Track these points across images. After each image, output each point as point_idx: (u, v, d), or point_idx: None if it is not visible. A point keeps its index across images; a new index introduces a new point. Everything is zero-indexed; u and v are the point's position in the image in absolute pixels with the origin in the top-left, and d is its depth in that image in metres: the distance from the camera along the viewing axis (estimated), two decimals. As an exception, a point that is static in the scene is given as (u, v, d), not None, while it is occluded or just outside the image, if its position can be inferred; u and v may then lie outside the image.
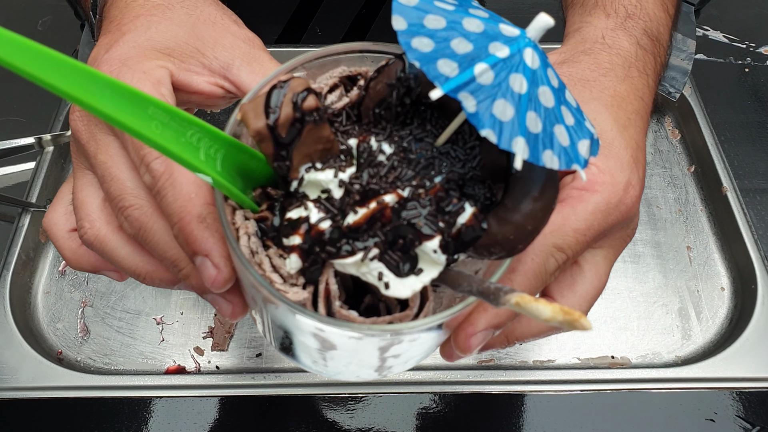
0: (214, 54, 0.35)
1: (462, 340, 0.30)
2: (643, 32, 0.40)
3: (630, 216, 0.34)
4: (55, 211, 0.36)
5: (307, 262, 0.25)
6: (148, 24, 0.35)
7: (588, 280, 0.34)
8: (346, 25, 0.81)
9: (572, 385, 0.53)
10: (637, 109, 0.37)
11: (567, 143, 0.22)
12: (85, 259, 0.36)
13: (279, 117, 0.24)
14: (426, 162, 0.24)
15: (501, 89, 0.21)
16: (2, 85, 0.75)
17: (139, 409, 0.52)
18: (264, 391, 0.53)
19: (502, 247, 0.24)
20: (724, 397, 0.53)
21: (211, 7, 0.37)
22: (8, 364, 0.53)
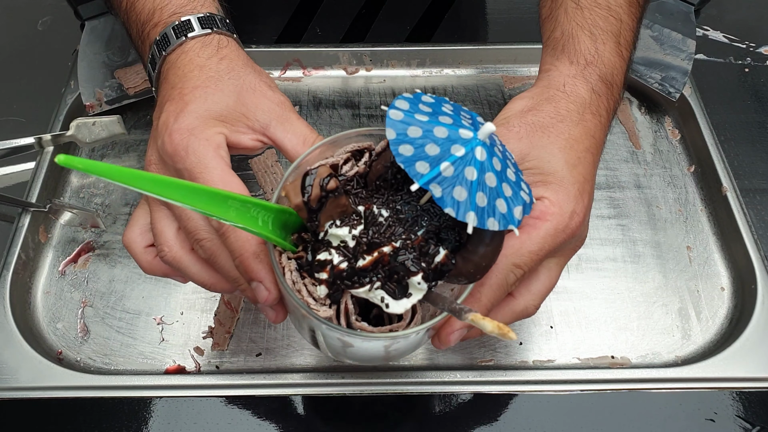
0: (255, 117, 0.45)
1: (444, 337, 0.41)
2: (599, 78, 0.48)
3: (576, 235, 0.43)
4: (133, 231, 0.47)
5: (331, 290, 0.35)
6: (205, 96, 0.45)
7: (541, 281, 0.43)
8: (346, 25, 0.81)
9: (572, 385, 0.53)
10: (587, 147, 0.45)
11: (505, 211, 0.32)
12: (158, 269, 0.47)
13: (311, 195, 0.36)
14: (412, 220, 0.35)
15: (458, 179, 0.31)
16: (2, 85, 0.75)
17: (139, 409, 0.52)
18: (264, 391, 0.53)
19: (465, 277, 0.35)
20: (724, 397, 0.53)
21: (250, 75, 0.47)
22: (8, 364, 0.54)
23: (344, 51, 0.76)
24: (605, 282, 0.60)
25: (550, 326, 0.57)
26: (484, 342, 0.56)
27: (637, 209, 0.66)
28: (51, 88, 0.73)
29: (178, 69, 0.47)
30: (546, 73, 0.50)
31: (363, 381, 0.53)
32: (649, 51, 0.76)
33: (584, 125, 0.46)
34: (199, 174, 0.42)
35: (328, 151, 0.40)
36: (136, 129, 0.71)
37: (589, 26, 0.50)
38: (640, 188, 0.67)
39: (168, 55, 0.48)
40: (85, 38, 0.73)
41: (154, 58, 0.49)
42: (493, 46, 0.78)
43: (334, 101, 0.75)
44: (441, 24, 0.82)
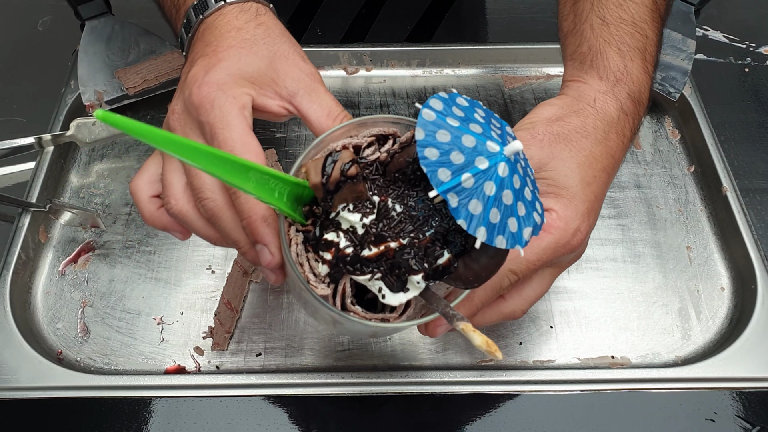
0: (284, 84, 0.46)
1: (431, 330, 0.42)
2: (628, 96, 0.49)
3: (575, 251, 0.44)
4: (141, 179, 0.46)
5: (333, 270, 0.36)
6: (239, 55, 0.45)
7: (532, 288, 0.45)
8: (346, 25, 0.81)
9: (572, 385, 0.53)
10: (604, 167, 0.46)
11: (515, 230, 0.32)
12: (159, 220, 0.46)
13: (330, 177, 0.36)
14: (423, 219, 0.35)
15: (476, 192, 0.31)
16: (2, 85, 0.75)
17: (139, 409, 0.52)
18: (264, 391, 0.53)
19: (463, 283, 0.36)
20: (724, 397, 0.53)
21: (285, 44, 0.48)
22: (8, 364, 0.54)
23: (344, 51, 0.76)
24: (605, 282, 0.60)
25: (550, 326, 0.57)
26: (484, 342, 0.56)
27: (637, 209, 0.66)
28: (51, 88, 0.73)
29: (215, 29, 0.47)
30: (576, 83, 0.50)
31: (363, 381, 0.53)
32: (649, 51, 0.76)
33: (607, 144, 0.46)
34: (219, 129, 0.41)
35: (353, 131, 0.40)
36: (136, 129, 0.71)
37: (617, 42, 0.50)
38: (640, 188, 0.67)
39: (205, 18, 0.48)
40: (85, 38, 0.73)
41: (190, 23, 0.50)
42: (493, 46, 0.78)
43: (334, 101, 0.75)
44: (441, 24, 0.82)
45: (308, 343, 0.56)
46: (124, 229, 0.64)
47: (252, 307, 0.58)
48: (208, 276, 0.60)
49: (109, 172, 0.68)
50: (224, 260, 0.61)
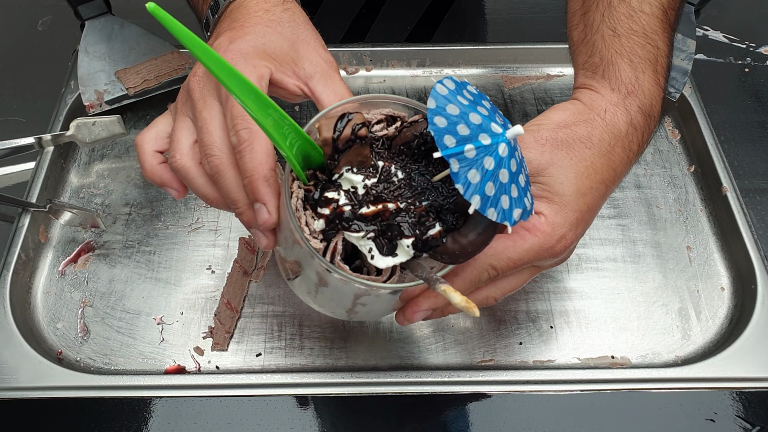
0: (302, 66, 0.48)
1: (409, 314, 0.43)
2: (638, 110, 0.48)
3: (557, 256, 0.44)
4: (148, 133, 0.48)
5: (328, 227, 0.37)
6: (264, 33, 0.47)
7: (509, 280, 0.45)
8: (346, 25, 0.81)
9: (572, 385, 0.53)
10: (604, 179, 0.46)
11: (506, 207, 0.35)
12: (158, 175, 0.47)
13: (341, 134, 0.38)
14: (421, 190, 0.37)
15: (476, 163, 0.33)
16: (2, 85, 0.75)
17: (139, 409, 0.52)
18: (264, 391, 0.53)
19: (450, 257, 0.37)
20: (724, 397, 0.53)
21: (308, 30, 0.50)
22: (8, 364, 0.54)
23: (344, 51, 0.76)
24: (605, 282, 0.60)
25: (550, 326, 0.57)
26: (484, 342, 0.56)
27: (637, 209, 0.66)
28: (51, 88, 0.73)
29: (244, 8, 0.49)
30: (589, 91, 0.50)
31: (363, 381, 0.53)
32: (649, 51, 0.76)
33: (610, 158, 0.46)
34: None
35: (364, 108, 0.41)
36: (136, 129, 0.71)
37: (628, 54, 0.50)
38: (640, 188, 0.67)
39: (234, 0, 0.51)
40: (85, 38, 0.73)
41: (218, 4, 0.52)
42: (493, 46, 0.78)
43: (334, 101, 0.75)
44: (441, 24, 0.82)
45: (308, 343, 0.56)
46: (124, 229, 0.64)
47: (252, 307, 0.58)
48: (208, 276, 0.60)
49: (109, 172, 0.68)
50: (224, 260, 0.61)
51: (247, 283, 0.60)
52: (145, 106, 0.72)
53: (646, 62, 0.50)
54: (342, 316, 0.51)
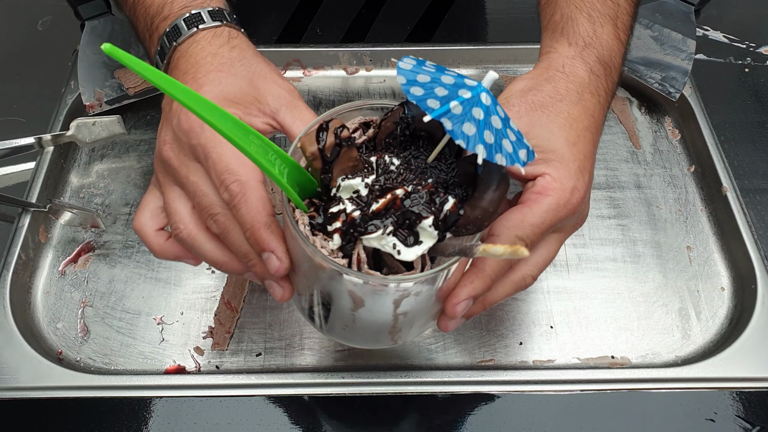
0: (266, 101, 0.47)
1: (450, 309, 0.41)
2: (597, 60, 0.49)
3: (577, 211, 0.44)
4: (143, 215, 0.47)
5: (344, 240, 0.36)
6: (219, 79, 0.46)
7: (540, 254, 0.44)
8: (346, 25, 0.81)
9: (572, 385, 0.53)
10: (587, 126, 0.46)
11: (511, 150, 0.34)
12: (170, 251, 0.47)
13: (326, 143, 0.37)
14: (422, 170, 0.36)
15: (467, 116, 0.33)
16: (2, 85, 0.75)
17: (139, 409, 0.52)
18: (264, 391, 0.53)
19: (474, 225, 0.36)
20: (724, 397, 0.53)
21: (261, 63, 0.49)
22: (8, 364, 0.54)
23: (344, 51, 0.76)
24: (605, 282, 0.60)
25: (550, 326, 0.57)
26: (484, 342, 0.56)
27: (637, 209, 0.66)
28: (51, 88, 0.73)
29: (190, 57, 0.48)
30: (546, 55, 0.51)
31: (363, 381, 0.53)
32: (649, 51, 0.76)
33: (583, 104, 0.47)
34: (212, 148, 0.42)
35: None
36: (136, 129, 0.71)
37: (588, 9, 0.51)
38: (640, 188, 0.67)
39: (179, 46, 0.49)
40: (85, 38, 0.73)
41: (164, 50, 0.50)
42: (493, 46, 0.78)
43: (334, 101, 0.75)
44: (441, 24, 0.82)
45: (308, 343, 0.56)
46: (124, 229, 0.64)
47: (252, 307, 0.58)
48: (208, 276, 0.60)
49: (109, 172, 0.68)
50: (224, 260, 0.61)
51: (247, 283, 0.60)
52: (145, 106, 0.72)
53: (606, 17, 0.51)
54: (386, 342, 0.47)
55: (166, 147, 0.45)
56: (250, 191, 0.41)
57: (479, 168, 0.36)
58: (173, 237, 0.46)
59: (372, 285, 0.37)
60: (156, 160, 0.47)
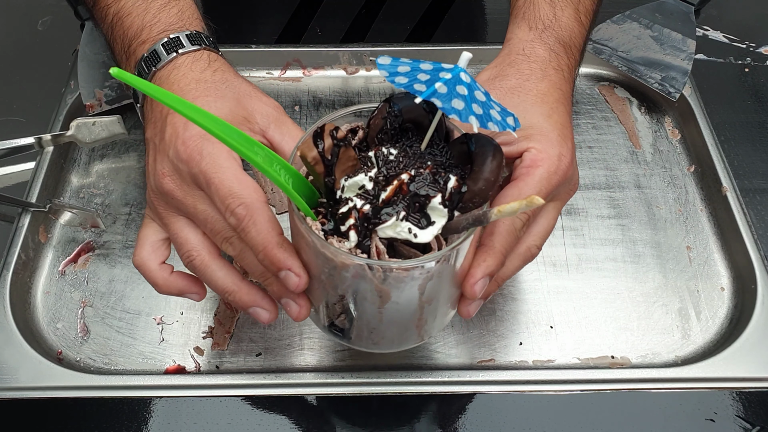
0: (255, 120, 0.48)
1: (468, 289, 0.42)
2: (556, 40, 0.52)
3: (568, 176, 0.46)
4: (143, 250, 0.47)
5: (360, 236, 0.37)
6: (209, 104, 0.46)
7: (540, 224, 0.46)
8: (346, 25, 0.81)
9: (572, 385, 0.53)
10: (557, 99, 0.49)
11: (500, 119, 0.36)
12: (174, 285, 0.47)
13: (324, 145, 0.38)
14: (419, 156, 0.38)
15: (453, 94, 0.35)
16: (2, 85, 0.75)
17: (139, 409, 0.52)
18: (264, 391, 0.53)
19: (479, 197, 0.37)
20: (724, 397, 0.53)
21: (244, 84, 0.50)
22: (8, 364, 0.54)
23: (344, 51, 0.76)
24: (605, 282, 0.60)
25: (550, 326, 0.57)
26: (484, 342, 0.56)
27: (637, 209, 0.66)
28: (51, 88, 0.73)
29: (173, 83, 0.48)
30: (507, 42, 0.54)
31: (363, 381, 0.53)
32: (649, 51, 0.76)
33: (549, 80, 0.49)
34: (213, 174, 0.42)
35: None
36: (136, 129, 0.71)
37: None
38: (640, 188, 0.67)
39: (158, 71, 0.49)
40: (85, 38, 0.73)
41: (141, 74, 0.50)
42: (493, 46, 0.77)
43: (334, 101, 0.75)
44: (441, 24, 0.82)
45: (308, 343, 0.56)
46: (124, 229, 0.64)
47: (252, 307, 0.58)
48: (208, 276, 0.60)
49: (109, 172, 0.68)
50: (224, 260, 0.61)
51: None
52: (145, 106, 0.72)
53: (567, 1, 0.54)
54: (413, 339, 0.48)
55: (165, 179, 0.45)
56: (257, 213, 0.41)
57: (472, 144, 0.37)
58: (186, 265, 0.46)
59: (399, 272, 0.37)
60: (152, 193, 0.47)
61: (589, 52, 0.77)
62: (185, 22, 0.52)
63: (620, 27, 0.78)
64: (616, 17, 0.79)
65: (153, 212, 0.48)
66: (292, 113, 0.73)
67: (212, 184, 0.42)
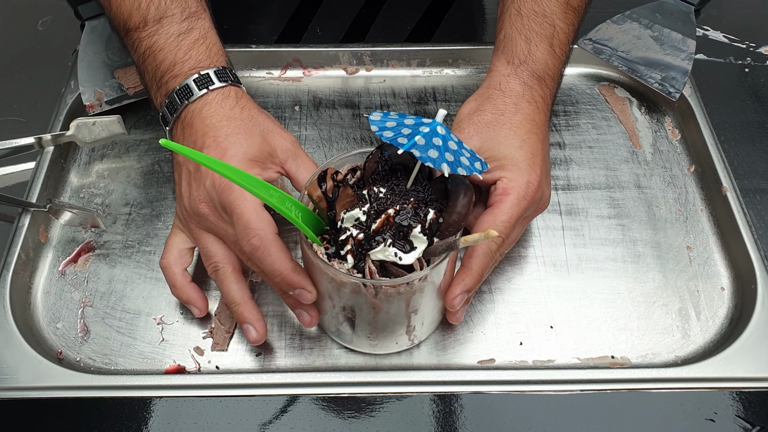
0: (277, 154, 0.55)
1: (449, 303, 0.50)
2: (530, 74, 0.58)
3: (536, 199, 0.53)
4: (171, 254, 0.56)
5: (356, 259, 0.45)
6: (240, 142, 0.53)
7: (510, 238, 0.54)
8: (346, 25, 0.81)
9: (572, 385, 0.53)
10: (529, 130, 0.55)
11: (468, 164, 0.44)
12: (186, 293, 0.56)
13: (327, 186, 0.47)
14: (404, 194, 0.46)
15: (429, 145, 0.42)
16: (2, 85, 0.75)
17: (139, 409, 0.52)
18: (264, 391, 0.53)
19: (453, 227, 0.45)
20: (724, 397, 0.53)
21: (266, 119, 0.57)
22: (8, 364, 0.54)
23: (344, 51, 0.76)
24: (605, 282, 0.60)
25: (550, 326, 0.57)
26: (484, 342, 0.56)
27: (637, 209, 0.66)
28: (51, 88, 0.73)
29: (206, 119, 0.55)
30: (489, 73, 0.60)
31: (363, 381, 0.53)
32: (649, 51, 0.76)
33: (522, 113, 0.56)
34: (237, 205, 0.50)
35: None
36: (136, 129, 0.71)
37: (526, 31, 0.59)
38: (640, 188, 0.67)
39: (191, 104, 0.56)
40: (85, 38, 0.73)
41: (173, 104, 0.56)
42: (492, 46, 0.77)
43: (334, 101, 0.75)
44: (441, 24, 0.82)
45: (308, 343, 0.56)
46: (124, 229, 0.64)
47: (252, 307, 0.58)
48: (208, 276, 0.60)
49: (109, 172, 0.68)
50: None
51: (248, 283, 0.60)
52: (145, 106, 0.72)
53: (541, 37, 0.59)
54: (404, 342, 0.55)
55: (202, 205, 0.53)
56: (269, 244, 0.49)
57: (448, 183, 0.45)
58: (210, 273, 0.54)
59: (387, 288, 0.45)
60: (188, 213, 0.54)
61: (589, 52, 0.77)
62: (213, 59, 0.58)
63: (620, 27, 0.78)
64: (616, 17, 0.79)
65: (184, 226, 0.56)
66: (292, 113, 0.73)
67: (235, 212, 0.50)
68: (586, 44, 0.77)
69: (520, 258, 0.62)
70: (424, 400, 0.53)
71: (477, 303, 0.59)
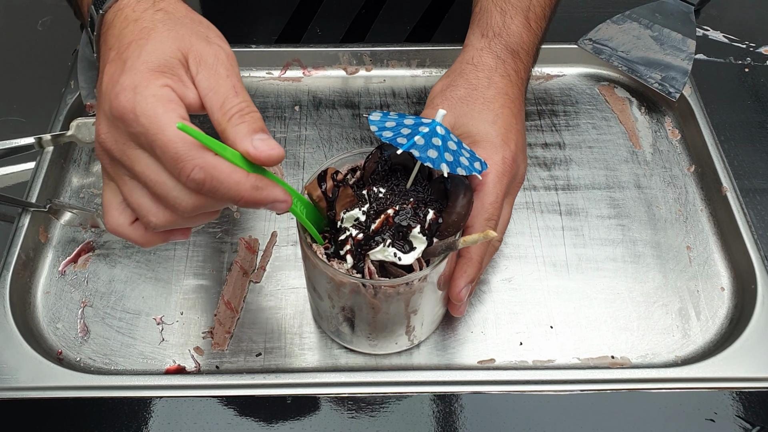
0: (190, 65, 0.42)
1: (455, 295, 0.50)
2: (504, 47, 0.57)
3: (513, 173, 0.52)
4: (112, 214, 0.44)
5: (355, 259, 0.45)
6: (140, 48, 0.41)
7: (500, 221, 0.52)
8: (346, 25, 0.81)
9: (572, 385, 0.53)
10: (503, 104, 0.54)
11: (468, 164, 0.44)
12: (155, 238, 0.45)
13: (327, 186, 0.46)
14: (404, 194, 0.45)
15: (429, 145, 0.42)
16: (2, 85, 0.75)
17: (139, 409, 0.52)
18: (264, 391, 0.53)
19: (452, 227, 0.45)
20: (724, 397, 0.53)
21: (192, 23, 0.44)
22: (8, 364, 0.53)
23: (344, 51, 0.76)
24: (605, 282, 0.60)
25: (550, 326, 0.57)
26: (484, 342, 0.56)
27: (637, 209, 0.66)
28: (51, 88, 0.73)
29: (115, 28, 0.44)
30: (463, 48, 0.59)
31: (362, 381, 0.53)
32: (649, 51, 0.76)
33: (495, 87, 0.55)
34: (154, 136, 0.38)
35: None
36: (136, 129, 0.71)
37: (502, 3, 0.59)
38: (640, 188, 0.67)
39: (105, 15, 0.46)
40: (85, 38, 0.73)
41: (93, 19, 0.47)
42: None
43: (334, 101, 0.75)
44: (441, 24, 0.82)
45: (308, 343, 0.56)
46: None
47: (252, 308, 0.58)
48: (208, 276, 0.60)
49: (109, 172, 0.68)
50: (224, 260, 0.61)
51: (247, 283, 0.60)
52: (145, 106, 0.72)
53: (517, 9, 0.59)
54: (404, 342, 0.54)
55: (102, 136, 0.41)
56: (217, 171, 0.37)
57: (448, 183, 0.45)
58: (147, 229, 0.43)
59: (387, 288, 0.45)
60: (97, 149, 0.43)
61: (589, 52, 0.77)
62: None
63: (620, 27, 0.78)
64: (616, 17, 0.79)
65: (103, 171, 0.44)
66: (292, 113, 0.73)
67: (156, 145, 0.38)
68: (586, 44, 0.77)
69: (520, 258, 0.62)
70: (424, 400, 0.53)
71: (477, 303, 0.59)
